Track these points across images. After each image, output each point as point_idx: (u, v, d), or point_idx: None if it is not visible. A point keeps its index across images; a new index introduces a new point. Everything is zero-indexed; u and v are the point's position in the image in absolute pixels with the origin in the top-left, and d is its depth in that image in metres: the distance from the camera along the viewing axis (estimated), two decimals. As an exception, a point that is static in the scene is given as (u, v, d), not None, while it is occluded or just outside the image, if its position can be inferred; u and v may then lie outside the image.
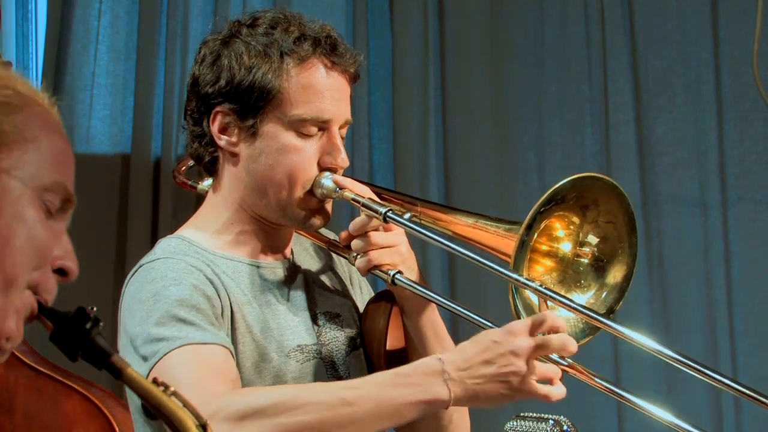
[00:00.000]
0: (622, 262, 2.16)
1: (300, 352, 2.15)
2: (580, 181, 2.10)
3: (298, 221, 2.17)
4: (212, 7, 4.08)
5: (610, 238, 2.15)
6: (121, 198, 4.06)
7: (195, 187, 2.43)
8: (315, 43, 2.13)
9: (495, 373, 1.95)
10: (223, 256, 2.15)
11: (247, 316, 2.10)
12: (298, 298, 2.20)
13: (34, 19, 4.12)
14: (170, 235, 2.19)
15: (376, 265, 2.15)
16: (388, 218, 2.13)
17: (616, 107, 4.20)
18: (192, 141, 2.18)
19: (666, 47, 4.20)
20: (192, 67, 2.18)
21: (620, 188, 2.14)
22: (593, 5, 4.20)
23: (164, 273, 2.06)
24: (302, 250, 2.29)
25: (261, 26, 2.14)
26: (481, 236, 2.17)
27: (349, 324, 2.25)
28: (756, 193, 4.15)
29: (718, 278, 4.14)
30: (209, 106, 2.14)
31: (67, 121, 4.03)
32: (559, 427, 2.03)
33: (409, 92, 4.20)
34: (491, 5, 4.24)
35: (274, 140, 2.12)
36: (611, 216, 2.14)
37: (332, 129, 2.14)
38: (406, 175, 4.19)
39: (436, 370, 1.96)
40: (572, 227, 2.14)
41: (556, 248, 2.16)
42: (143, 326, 2.02)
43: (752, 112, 4.14)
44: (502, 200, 4.18)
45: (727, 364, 4.10)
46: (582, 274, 2.16)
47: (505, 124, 4.24)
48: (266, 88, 2.10)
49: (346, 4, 4.20)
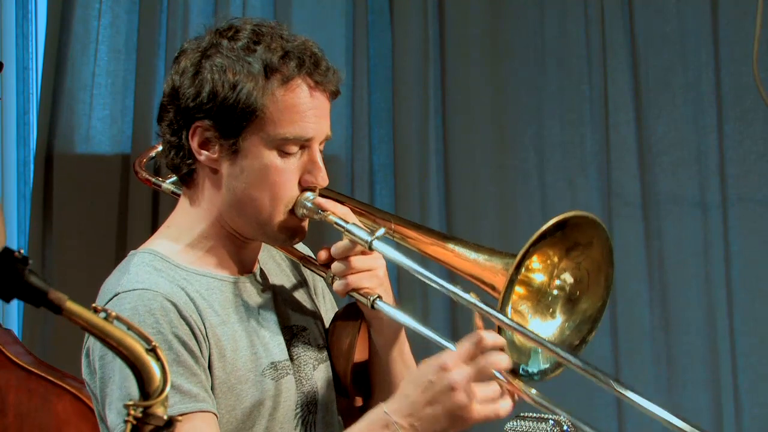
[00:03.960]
0: (597, 296, 2.15)
1: (274, 369, 2.14)
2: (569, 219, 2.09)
3: (276, 239, 2.16)
4: (212, 7, 4.08)
5: (584, 282, 2.15)
6: (121, 198, 4.06)
7: (159, 186, 2.38)
8: (299, 62, 2.10)
9: (440, 412, 1.97)
10: (196, 272, 2.13)
11: (221, 338, 2.09)
12: (269, 312, 2.19)
13: (34, 19, 4.12)
14: (143, 248, 2.16)
15: (355, 288, 2.15)
16: (373, 247, 2.12)
17: (616, 107, 4.20)
18: (168, 151, 2.15)
19: (666, 47, 4.20)
20: (170, 74, 2.14)
21: (607, 234, 2.12)
22: (593, 5, 4.20)
23: (142, 316, 2.02)
24: (269, 258, 2.28)
25: (242, 39, 2.10)
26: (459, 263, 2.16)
27: (316, 338, 2.25)
28: (756, 193, 4.15)
29: (718, 278, 4.14)
30: (189, 119, 2.10)
31: (67, 121, 4.04)
32: (559, 427, 2.03)
33: (409, 92, 4.20)
34: (491, 5, 4.25)
35: (256, 159, 2.09)
36: (593, 265, 2.13)
37: (313, 147, 2.13)
38: (406, 175, 4.19)
39: (384, 423, 1.99)
40: (550, 262, 2.14)
41: (530, 278, 2.16)
42: (122, 386, 1.99)
43: (752, 112, 4.14)
44: (502, 200, 4.18)
45: (726, 364, 4.10)
46: (554, 304, 2.15)
47: (505, 124, 4.24)
48: (250, 108, 2.07)
49: (346, 4, 4.20)
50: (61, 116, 4.03)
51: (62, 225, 4.02)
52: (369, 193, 4.17)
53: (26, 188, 4.09)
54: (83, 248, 4.00)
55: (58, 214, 4.02)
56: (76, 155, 4.07)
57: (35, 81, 4.10)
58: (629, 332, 4.11)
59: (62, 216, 4.02)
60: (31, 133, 4.10)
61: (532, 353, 2.08)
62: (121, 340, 1.43)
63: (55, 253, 4.01)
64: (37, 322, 3.95)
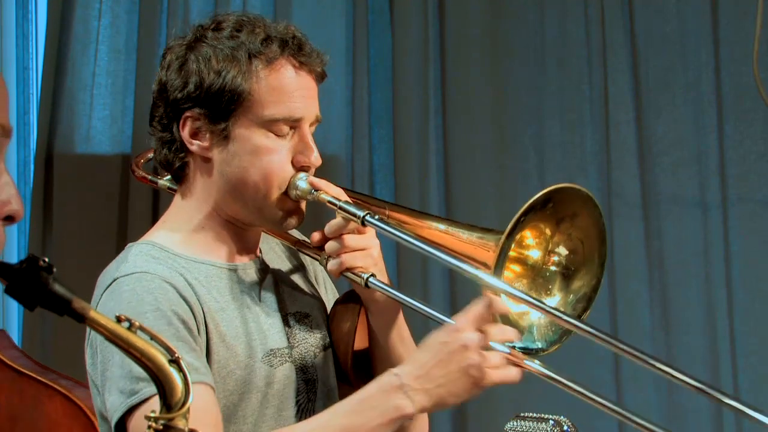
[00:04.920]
0: (591, 273, 2.16)
1: (273, 356, 2.14)
2: (557, 192, 2.10)
3: (274, 222, 2.16)
4: (212, 7, 4.08)
5: (579, 252, 2.16)
6: (121, 198, 4.06)
7: (156, 183, 2.40)
8: (282, 44, 2.12)
9: (453, 370, 1.98)
10: (195, 260, 2.13)
11: (220, 324, 2.09)
12: (270, 299, 2.20)
13: (34, 19, 4.12)
14: (141, 240, 2.17)
15: (349, 267, 2.15)
16: (366, 222, 2.13)
17: (616, 107, 4.20)
18: (161, 147, 2.16)
19: (666, 47, 4.20)
20: (157, 72, 2.16)
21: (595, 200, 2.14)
22: (593, 5, 4.20)
23: (140, 295, 2.04)
24: (269, 249, 2.28)
25: (226, 29, 2.13)
26: (452, 243, 2.17)
27: (319, 324, 2.25)
28: (756, 193, 4.15)
29: (718, 278, 4.14)
30: (178, 111, 2.12)
31: (67, 121, 4.04)
32: (559, 427, 2.03)
33: (409, 92, 4.20)
34: (491, 5, 4.24)
35: (246, 142, 2.11)
36: (584, 233, 2.14)
37: (303, 127, 2.14)
38: (406, 175, 4.19)
39: (394, 386, 1.99)
40: (543, 236, 2.15)
41: (525, 255, 2.16)
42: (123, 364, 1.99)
43: (752, 112, 4.14)
44: (501, 200, 4.18)
45: (727, 365, 4.10)
46: (550, 281, 2.16)
47: (505, 124, 4.24)
48: (236, 91, 2.09)
49: (346, 4, 4.20)
50: (61, 116, 4.03)
51: (62, 225, 4.02)
52: (369, 193, 4.16)
53: (26, 188, 4.08)
54: (83, 248, 4.00)
55: (58, 214, 4.01)
56: (76, 155, 4.06)
57: (35, 81, 4.10)
58: (629, 332, 4.11)
59: (62, 216, 4.02)
60: (31, 133, 4.10)
61: (526, 331, 2.10)
62: (144, 350, 1.41)
63: (55, 253, 4.00)
64: (36, 323, 3.95)
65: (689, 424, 4.09)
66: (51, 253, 4.02)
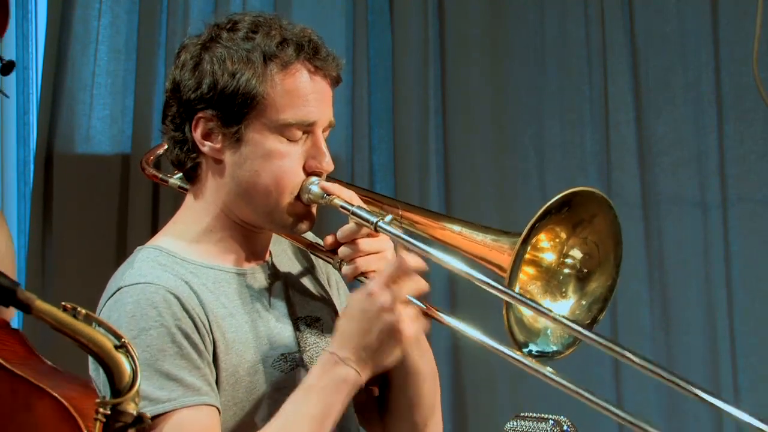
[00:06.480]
0: (606, 274, 2.15)
1: (284, 361, 2.14)
2: (574, 195, 2.09)
3: (285, 226, 2.16)
4: (212, 7, 4.09)
5: (594, 255, 2.15)
6: (121, 198, 4.06)
7: (166, 181, 2.39)
8: (298, 47, 2.11)
9: (379, 334, 2.01)
10: (203, 264, 2.13)
11: (227, 331, 2.09)
12: (280, 303, 2.19)
13: (34, 19, 4.12)
14: (148, 244, 2.16)
15: (363, 272, 2.15)
16: (379, 228, 2.12)
17: (616, 107, 4.20)
18: (173, 147, 2.15)
19: (666, 47, 4.20)
20: (171, 71, 2.15)
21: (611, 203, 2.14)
22: (593, 5, 4.20)
23: (143, 309, 2.03)
24: (281, 251, 2.27)
25: (241, 30, 2.11)
26: (466, 244, 2.17)
27: (329, 328, 2.24)
28: (756, 193, 4.15)
29: (718, 278, 4.14)
30: (191, 111, 2.11)
31: (67, 121, 4.04)
32: (559, 427, 2.03)
33: (409, 92, 4.20)
34: (491, 5, 4.25)
35: (259, 146, 2.10)
36: (599, 236, 2.14)
37: (317, 132, 2.13)
38: (406, 175, 4.19)
39: (334, 361, 2.02)
40: (558, 239, 2.14)
41: (540, 258, 2.16)
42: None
43: (752, 112, 4.14)
44: (502, 200, 4.18)
45: (727, 365, 4.10)
46: (564, 284, 2.15)
47: (505, 124, 4.24)
48: (250, 94, 2.08)
49: (346, 4, 4.20)
50: (61, 116, 4.03)
51: (62, 225, 4.02)
52: (369, 193, 4.17)
53: (26, 188, 4.08)
54: (83, 248, 4.00)
55: (58, 214, 4.01)
56: (76, 155, 4.06)
57: (35, 81, 4.10)
58: (629, 332, 4.11)
59: (62, 216, 4.02)
60: (31, 133, 4.10)
61: (541, 334, 2.09)
62: (90, 336, 1.42)
63: (55, 253, 4.00)
64: (36, 324, 3.94)
65: (689, 424, 4.09)
66: (51, 253, 4.02)
